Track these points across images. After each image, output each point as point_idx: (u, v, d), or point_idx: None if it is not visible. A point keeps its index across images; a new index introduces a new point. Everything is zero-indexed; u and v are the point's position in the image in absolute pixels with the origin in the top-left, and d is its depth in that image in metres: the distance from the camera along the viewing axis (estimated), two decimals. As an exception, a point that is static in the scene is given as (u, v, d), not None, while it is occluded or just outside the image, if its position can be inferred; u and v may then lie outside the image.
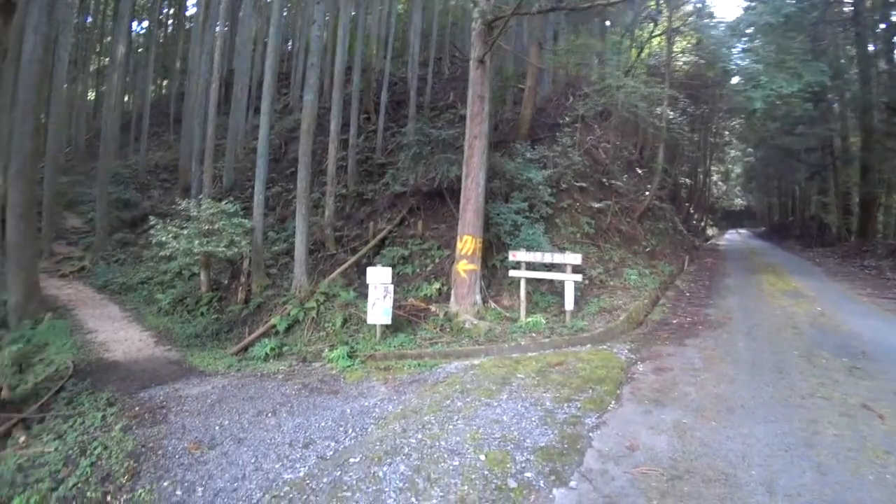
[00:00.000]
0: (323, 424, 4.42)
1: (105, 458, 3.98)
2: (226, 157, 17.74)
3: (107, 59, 23.69)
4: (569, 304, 7.64)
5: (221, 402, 5.18)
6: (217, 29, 14.80)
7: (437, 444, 3.81)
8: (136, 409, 5.10)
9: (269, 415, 4.74)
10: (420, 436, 3.98)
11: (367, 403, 4.95)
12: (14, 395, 6.01)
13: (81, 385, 5.98)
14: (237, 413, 4.83)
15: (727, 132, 29.27)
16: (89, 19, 27.47)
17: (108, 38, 26.23)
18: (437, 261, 9.93)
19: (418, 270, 9.90)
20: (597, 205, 11.98)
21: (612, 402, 4.53)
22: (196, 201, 9.98)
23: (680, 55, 18.42)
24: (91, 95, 28.56)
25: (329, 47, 20.62)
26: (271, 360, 7.16)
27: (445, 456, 3.59)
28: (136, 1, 26.49)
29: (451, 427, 4.12)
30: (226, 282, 10.78)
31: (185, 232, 9.33)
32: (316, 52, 10.50)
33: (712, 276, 13.65)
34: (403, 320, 7.93)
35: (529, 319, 7.60)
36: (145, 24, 29.87)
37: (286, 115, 22.52)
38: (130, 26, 25.70)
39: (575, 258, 7.75)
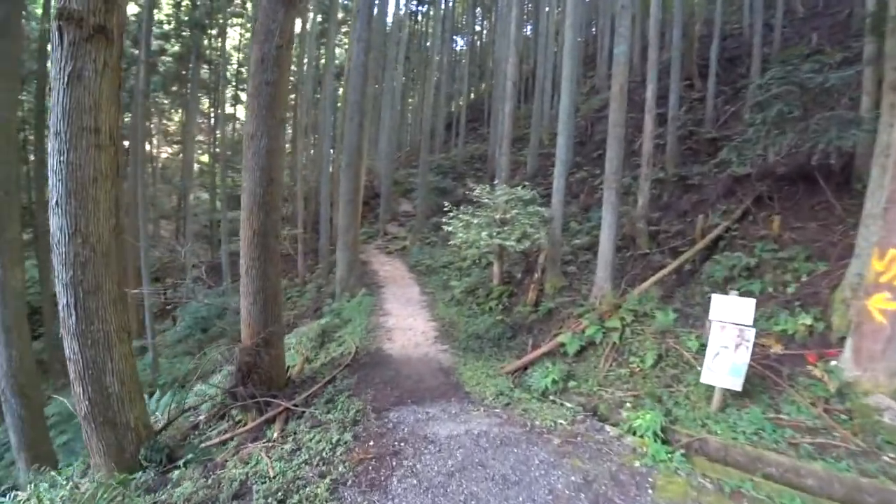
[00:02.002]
0: None
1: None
2: (530, 143, 17.06)
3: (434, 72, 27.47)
4: None
5: (462, 474, 3.31)
6: (514, 14, 13.77)
7: None
8: (370, 444, 3.84)
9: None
10: None
11: None
12: (303, 373, 6.05)
13: (349, 381, 5.41)
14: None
15: None
16: (427, 43, 32.70)
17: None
18: (803, 278, 5.77)
19: (771, 290, 5.89)
20: None
21: None
22: (490, 187, 8.94)
23: None
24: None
25: (640, 7, 17.06)
26: (550, 398, 5.03)
27: None
28: (455, 20, 29.59)
29: None
30: (518, 275, 9.51)
31: (476, 221, 8.34)
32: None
33: None
34: (754, 377, 4.31)
35: None
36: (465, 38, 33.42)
37: (592, 96, 20.28)
38: (452, 42, 28.90)
39: None
